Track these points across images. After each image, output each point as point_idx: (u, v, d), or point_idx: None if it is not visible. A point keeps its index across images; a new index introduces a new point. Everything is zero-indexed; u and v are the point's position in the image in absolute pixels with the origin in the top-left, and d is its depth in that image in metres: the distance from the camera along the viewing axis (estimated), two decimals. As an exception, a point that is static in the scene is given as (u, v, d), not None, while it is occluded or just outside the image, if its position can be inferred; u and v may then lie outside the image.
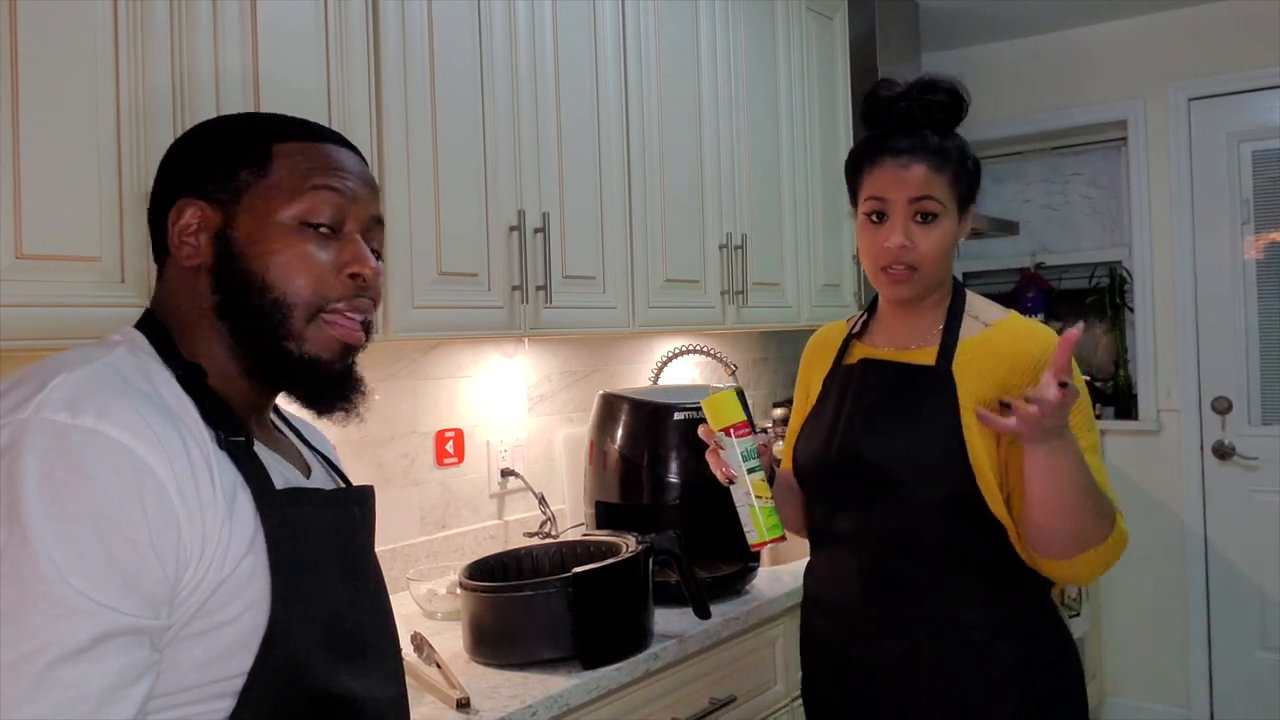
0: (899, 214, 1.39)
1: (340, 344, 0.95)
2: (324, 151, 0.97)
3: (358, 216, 0.96)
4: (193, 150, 0.97)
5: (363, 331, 0.97)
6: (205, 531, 0.81)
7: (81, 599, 0.73)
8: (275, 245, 0.91)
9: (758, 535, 1.40)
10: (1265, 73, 3.39)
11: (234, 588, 0.83)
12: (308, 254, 0.92)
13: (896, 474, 1.38)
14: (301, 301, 0.92)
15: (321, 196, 0.93)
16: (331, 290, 0.93)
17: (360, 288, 0.95)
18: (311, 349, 0.93)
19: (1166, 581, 3.61)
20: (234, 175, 0.93)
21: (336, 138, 1.00)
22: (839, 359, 1.55)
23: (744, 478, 1.40)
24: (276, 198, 0.93)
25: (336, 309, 0.94)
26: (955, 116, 1.43)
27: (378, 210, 1.00)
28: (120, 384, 0.82)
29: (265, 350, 0.92)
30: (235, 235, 0.92)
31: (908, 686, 1.39)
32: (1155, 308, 3.63)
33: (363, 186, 0.98)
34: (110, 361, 0.85)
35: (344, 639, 0.93)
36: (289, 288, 0.91)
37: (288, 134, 0.96)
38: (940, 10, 3.49)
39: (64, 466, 0.75)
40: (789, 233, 2.76)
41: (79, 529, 0.74)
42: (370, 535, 1.04)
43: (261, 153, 0.94)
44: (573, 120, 2.05)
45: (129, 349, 0.89)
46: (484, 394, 2.29)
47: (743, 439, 1.40)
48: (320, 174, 0.94)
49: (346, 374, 0.98)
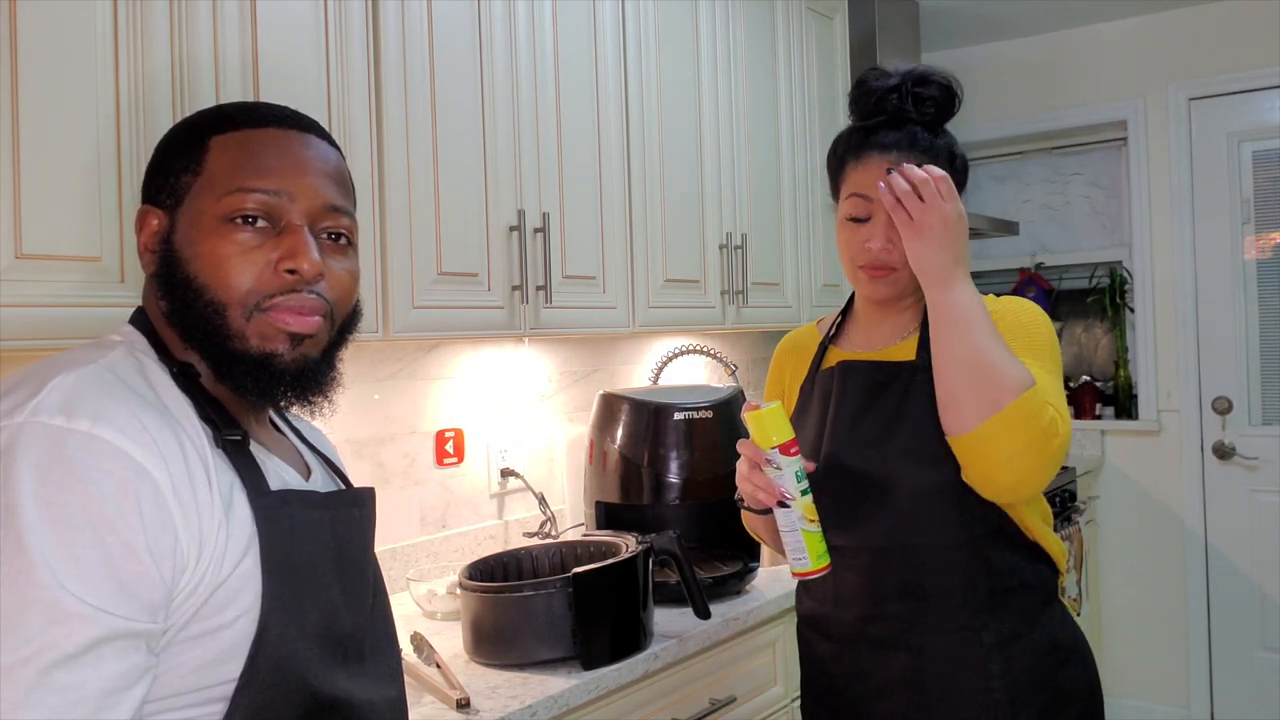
0: (881, 213, 1.34)
1: (286, 334, 0.89)
2: (262, 139, 0.92)
3: (303, 207, 0.91)
4: (154, 156, 0.96)
5: (319, 318, 0.92)
6: (202, 534, 0.81)
7: (78, 603, 0.72)
8: (206, 245, 0.88)
9: (809, 563, 1.28)
10: (1265, 73, 3.39)
11: (231, 591, 0.82)
12: (237, 250, 0.88)
13: (888, 475, 1.33)
14: (234, 300, 0.88)
15: (250, 192, 0.89)
16: (266, 286, 0.88)
17: (298, 283, 0.89)
18: (257, 344, 0.89)
19: (1166, 581, 3.61)
20: (175, 177, 0.91)
21: (287, 120, 0.94)
22: (815, 365, 1.49)
23: (798, 500, 1.27)
24: (206, 196, 0.90)
25: (274, 303, 0.89)
26: (946, 113, 1.40)
27: (335, 198, 0.94)
28: (116, 386, 0.81)
29: (214, 354, 0.89)
30: (176, 239, 0.90)
31: (917, 699, 1.34)
32: (1155, 308, 3.63)
33: (311, 174, 0.92)
34: (107, 363, 0.84)
35: (340, 641, 0.92)
36: (220, 287, 0.87)
37: (227, 124, 0.92)
38: (940, 10, 3.49)
39: (60, 470, 0.74)
40: (789, 233, 2.76)
41: (75, 533, 0.73)
42: (370, 537, 1.03)
43: (198, 150, 0.91)
44: (573, 120, 2.05)
45: (126, 350, 0.88)
46: (484, 394, 2.29)
47: (794, 458, 1.27)
48: (250, 166, 0.90)
49: (307, 365, 0.92)
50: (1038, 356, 1.33)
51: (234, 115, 0.93)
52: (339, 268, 0.94)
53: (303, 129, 0.94)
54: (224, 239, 0.88)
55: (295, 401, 0.94)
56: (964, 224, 1.28)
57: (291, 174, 0.91)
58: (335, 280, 0.93)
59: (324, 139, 0.96)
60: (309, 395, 0.94)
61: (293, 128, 0.94)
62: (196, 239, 0.88)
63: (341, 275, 0.94)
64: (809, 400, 1.47)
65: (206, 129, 0.92)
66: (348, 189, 0.98)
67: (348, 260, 0.96)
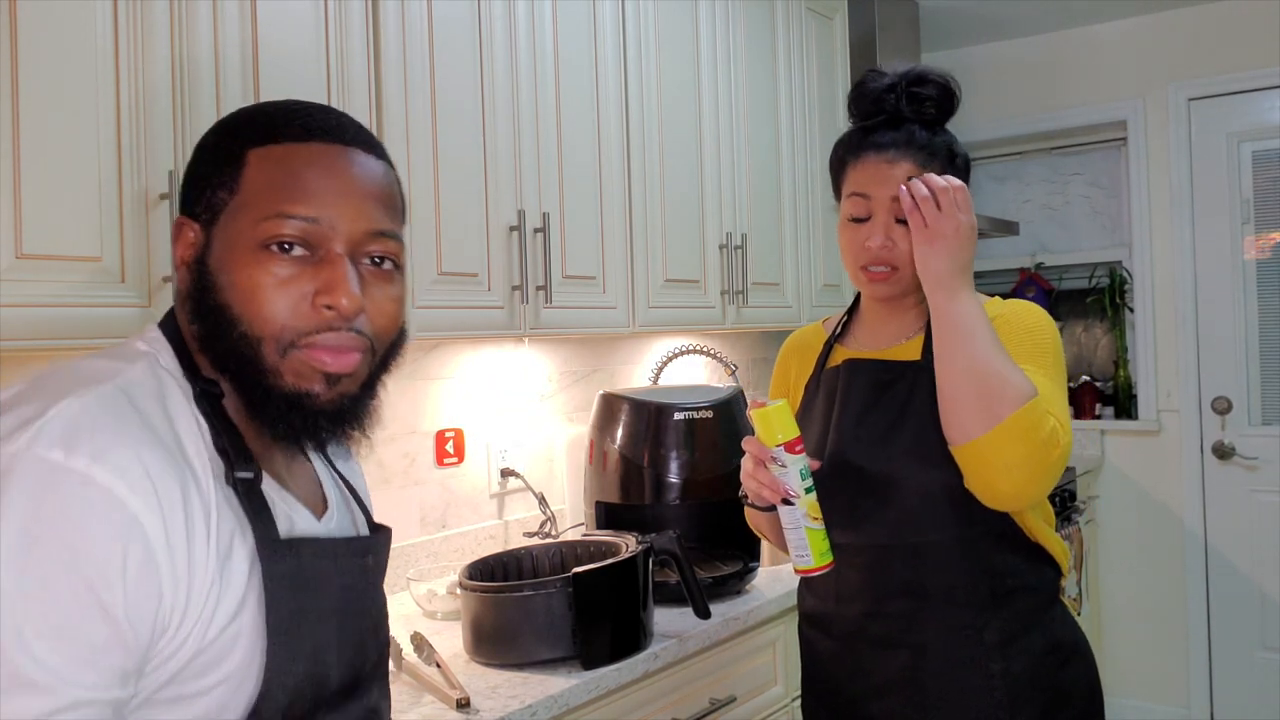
0: (881, 212, 1.34)
1: (322, 374, 0.83)
2: (303, 157, 0.85)
3: (344, 235, 0.84)
4: (191, 163, 0.89)
5: (359, 354, 0.85)
6: (190, 596, 0.76)
7: (41, 671, 0.68)
8: (241, 273, 0.82)
9: (812, 560, 1.30)
10: (1265, 73, 3.39)
11: (214, 656, 0.78)
12: (272, 281, 0.82)
13: (891, 474, 1.33)
14: (269, 335, 0.82)
15: (288, 218, 0.82)
16: (303, 321, 0.82)
17: (335, 320, 0.83)
18: (292, 382, 0.83)
19: (1166, 581, 3.61)
20: (212, 192, 0.85)
21: (331, 133, 0.87)
22: (821, 364, 1.50)
23: (802, 498, 1.29)
24: (243, 218, 0.83)
25: (310, 341, 0.83)
26: (945, 112, 1.39)
27: (380, 222, 0.87)
28: (126, 416, 0.75)
29: (246, 387, 0.83)
30: (210, 260, 0.84)
31: (917, 698, 1.34)
32: (1155, 308, 3.63)
33: (355, 197, 0.86)
34: (124, 383, 0.78)
35: (330, 690, 0.88)
36: (254, 320, 0.82)
37: (268, 135, 0.86)
38: (940, 10, 3.49)
39: (48, 514, 0.69)
40: (789, 233, 2.76)
41: (52, 586, 0.69)
42: (379, 582, 0.97)
43: (235, 164, 0.85)
44: (573, 120, 2.05)
45: (148, 365, 0.83)
46: (484, 394, 2.29)
47: (799, 456, 1.28)
48: (289, 188, 0.83)
49: (344, 403, 0.86)
50: (1041, 363, 1.33)
51: (275, 125, 0.86)
52: (382, 296, 0.88)
53: (347, 143, 0.87)
54: (259, 267, 0.82)
55: (331, 440, 0.88)
56: (974, 236, 1.30)
57: (333, 198, 0.84)
58: (377, 311, 0.87)
59: (372, 152, 0.89)
60: (346, 432, 0.88)
61: (336, 142, 0.87)
62: (231, 264, 0.83)
63: (384, 305, 0.88)
64: (814, 398, 1.47)
65: (245, 139, 0.86)
66: (395, 209, 0.91)
67: (393, 286, 0.89)
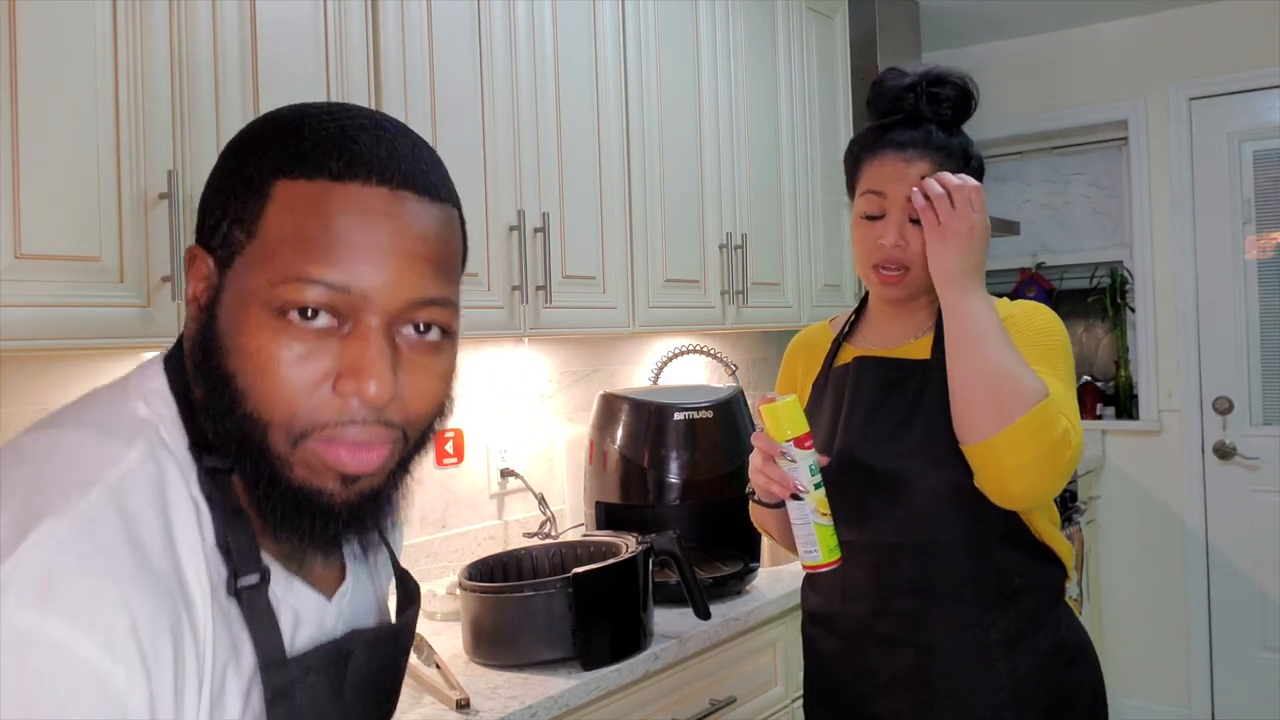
0: (895, 210, 1.35)
1: (337, 473, 0.68)
2: (339, 203, 0.67)
3: (380, 306, 0.67)
4: (210, 180, 0.73)
5: (385, 448, 0.69)
6: None
7: None
8: (252, 340, 0.66)
9: (820, 556, 1.29)
10: (1265, 73, 3.39)
11: None
12: (288, 357, 0.66)
13: (900, 472, 1.34)
14: (278, 421, 0.67)
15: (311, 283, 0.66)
16: (320, 410, 0.67)
17: (359, 411, 0.67)
18: (303, 476, 0.68)
19: (1167, 581, 3.61)
20: (229, 227, 0.69)
21: (374, 171, 0.68)
22: (829, 362, 1.49)
23: (812, 493, 1.28)
24: (259, 271, 0.67)
25: (327, 435, 0.67)
26: (963, 113, 1.40)
27: (426, 289, 0.69)
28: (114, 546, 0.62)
29: (250, 475, 0.68)
30: (219, 311, 0.69)
31: (923, 696, 1.34)
32: (1156, 308, 3.63)
33: (398, 258, 0.68)
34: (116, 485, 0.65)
35: None
36: (261, 400, 0.66)
37: (300, 165, 0.68)
38: (940, 10, 3.49)
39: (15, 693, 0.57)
40: (789, 233, 2.76)
41: None
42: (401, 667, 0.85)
43: (257, 196, 0.68)
44: (573, 120, 2.05)
45: (147, 447, 0.68)
46: (484, 394, 2.29)
47: (809, 451, 1.27)
48: (317, 243, 0.66)
49: (364, 501, 0.71)
50: (1052, 364, 1.33)
51: (311, 153, 0.68)
52: (422, 374, 0.71)
53: (396, 186, 0.68)
54: (274, 339, 0.66)
55: (349, 538, 0.74)
56: (988, 236, 1.31)
57: (371, 260, 0.67)
58: (415, 394, 0.70)
59: (428, 194, 0.70)
60: (367, 528, 0.73)
61: (384, 184, 0.68)
62: (242, 326, 0.67)
63: (423, 384, 0.71)
64: (822, 396, 1.48)
65: (274, 164, 0.68)
66: (451, 266, 0.72)
67: (439, 360, 0.73)
